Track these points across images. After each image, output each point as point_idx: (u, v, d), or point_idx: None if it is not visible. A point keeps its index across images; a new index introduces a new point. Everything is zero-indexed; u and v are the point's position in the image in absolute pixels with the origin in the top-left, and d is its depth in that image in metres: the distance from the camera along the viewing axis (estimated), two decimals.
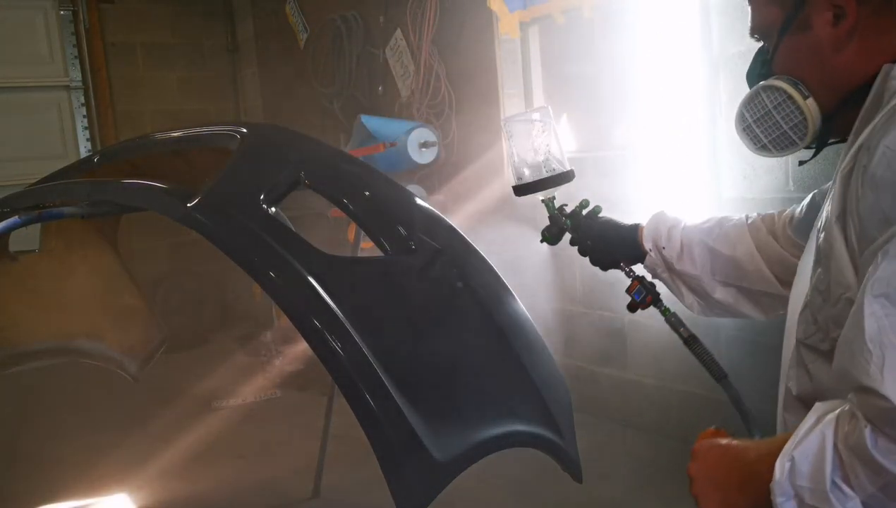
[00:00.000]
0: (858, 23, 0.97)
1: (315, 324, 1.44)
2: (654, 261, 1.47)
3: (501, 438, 1.54)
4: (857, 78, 0.98)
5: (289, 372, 5.07)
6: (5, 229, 2.19)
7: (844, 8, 0.97)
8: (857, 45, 0.98)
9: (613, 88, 4.03)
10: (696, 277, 1.42)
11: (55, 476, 3.77)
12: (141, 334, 3.25)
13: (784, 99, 1.03)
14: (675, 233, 1.45)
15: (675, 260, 1.44)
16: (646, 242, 1.48)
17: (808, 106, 1.02)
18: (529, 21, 4.34)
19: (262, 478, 3.69)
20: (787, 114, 1.03)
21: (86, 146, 6.10)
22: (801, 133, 1.04)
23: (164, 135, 2.62)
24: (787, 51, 1.04)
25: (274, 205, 1.76)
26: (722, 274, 1.41)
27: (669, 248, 1.44)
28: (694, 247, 1.43)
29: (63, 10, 6.00)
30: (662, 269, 1.47)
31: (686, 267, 1.43)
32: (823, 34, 0.99)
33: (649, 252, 1.47)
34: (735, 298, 1.40)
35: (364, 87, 5.37)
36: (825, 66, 1.00)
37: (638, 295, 1.48)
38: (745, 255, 1.37)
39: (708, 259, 1.41)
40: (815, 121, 1.02)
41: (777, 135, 1.06)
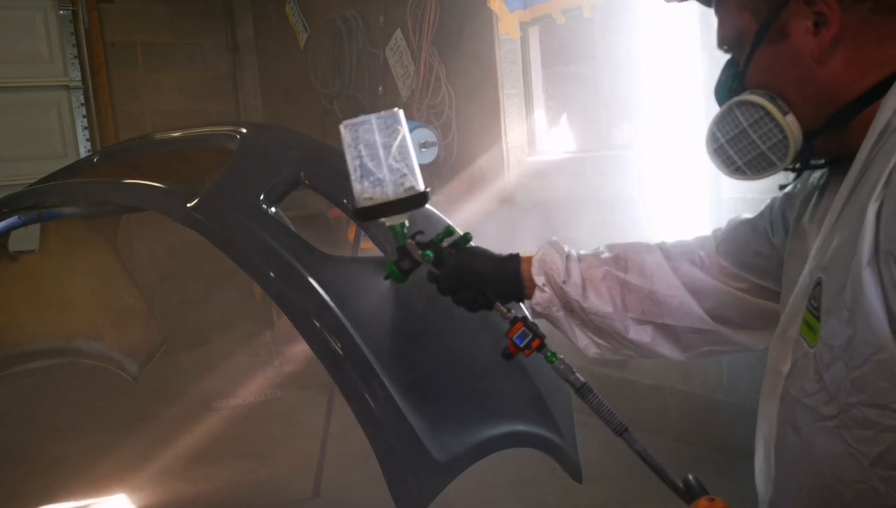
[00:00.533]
0: (843, 32, 0.85)
1: (315, 324, 1.44)
2: (547, 299, 1.26)
3: (502, 438, 1.54)
4: (846, 93, 0.87)
5: (289, 372, 5.07)
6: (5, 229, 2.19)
7: (826, 15, 0.86)
8: (844, 57, 0.86)
9: (613, 88, 4.03)
10: (606, 315, 1.24)
11: (55, 476, 3.77)
12: (141, 334, 3.25)
13: (761, 116, 0.90)
14: (573, 267, 1.26)
15: (580, 297, 1.25)
16: (537, 277, 1.26)
17: (789, 123, 0.90)
18: (529, 21, 4.34)
19: (262, 478, 3.69)
20: (765, 133, 0.91)
21: (86, 146, 6.09)
22: (781, 153, 0.91)
23: (164, 135, 2.62)
24: (763, 62, 0.92)
25: (274, 205, 1.76)
26: (637, 310, 1.24)
27: (570, 284, 1.25)
28: (599, 281, 1.25)
29: (63, 10, 5.99)
30: (557, 308, 1.27)
31: (593, 304, 1.24)
32: (803, 44, 0.88)
33: (542, 287, 1.26)
34: (652, 337, 1.25)
35: (364, 87, 5.37)
36: (807, 80, 0.89)
37: (521, 339, 1.23)
38: (668, 289, 1.22)
39: (619, 293, 1.25)
40: (796, 140, 0.90)
41: (753, 155, 0.93)
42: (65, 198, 2.29)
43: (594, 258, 1.28)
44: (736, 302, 1.19)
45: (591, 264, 1.27)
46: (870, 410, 0.78)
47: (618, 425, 1.24)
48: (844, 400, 0.81)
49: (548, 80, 4.48)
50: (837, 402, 0.82)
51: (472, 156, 4.53)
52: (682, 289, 1.21)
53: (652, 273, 1.23)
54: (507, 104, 4.41)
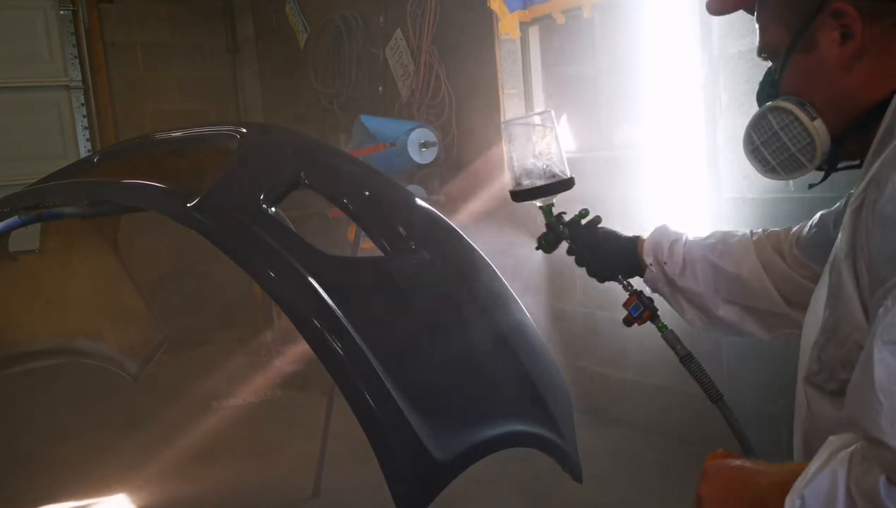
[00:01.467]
0: (866, 43, 0.93)
1: (315, 324, 1.44)
2: (654, 276, 1.44)
3: (502, 438, 1.54)
4: (868, 100, 0.95)
5: (289, 372, 5.07)
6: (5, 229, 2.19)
7: (851, 27, 0.94)
8: (867, 66, 0.95)
9: (613, 88, 4.03)
10: (698, 294, 1.40)
11: (55, 476, 3.77)
12: (141, 334, 3.25)
13: (791, 120, 1.00)
14: (678, 248, 1.42)
15: (678, 275, 1.41)
16: (646, 256, 1.45)
17: (816, 127, 0.99)
18: (529, 21, 4.34)
19: (262, 478, 3.69)
20: (795, 136, 1.00)
21: (86, 146, 6.09)
22: (810, 155, 1.01)
23: (164, 135, 2.62)
24: (794, 71, 1.01)
25: (274, 205, 1.76)
26: (725, 291, 1.38)
27: (671, 263, 1.42)
28: (696, 262, 1.40)
29: (63, 10, 5.99)
30: (663, 284, 1.44)
31: (689, 283, 1.40)
32: (830, 54, 0.96)
33: (650, 266, 1.44)
34: (739, 316, 1.38)
35: (364, 87, 5.37)
36: (833, 87, 0.97)
37: (635, 310, 1.47)
38: (750, 273, 1.34)
39: (711, 275, 1.39)
40: (823, 144, 0.99)
41: (785, 157, 1.03)
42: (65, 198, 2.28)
43: (697, 242, 1.41)
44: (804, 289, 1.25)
45: (693, 247, 1.41)
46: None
47: (714, 393, 1.40)
48: (839, 376, 0.92)
49: (548, 80, 4.48)
50: (835, 379, 0.93)
51: (472, 156, 4.53)
52: (764, 276, 1.32)
53: (740, 258, 1.36)
54: (507, 104, 4.40)
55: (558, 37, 4.34)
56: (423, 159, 4.52)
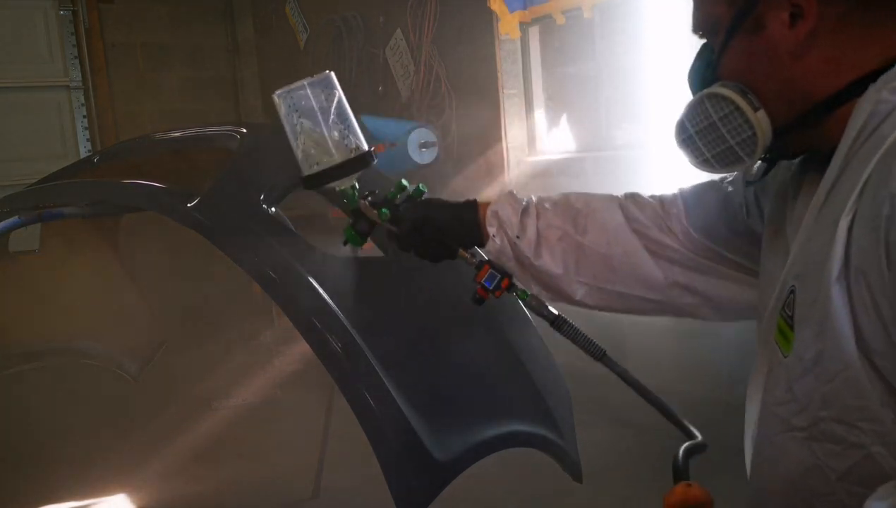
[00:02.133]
0: (821, 26, 0.81)
1: (315, 324, 1.44)
2: (498, 248, 1.22)
3: (502, 438, 1.54)
4: (820, 91, 0.83)
5: (289, 372, 5.06)
6: (5, 229, 2.19)
7: (802, 7, 0.81)
8: (820, 53, 0.82)
9: (613, 88, 4.03)
10: (556, 277, 1.20)
11: (55, 476, 3.77)
12: (141, 334, 3.25)
13: (731, 110, 0.87)
14: (529, 222, 1.21)
15: (532, 254, 1.20)
16: (490, 227, 1.22)
17: (759, 119, 0.86)
18: (529, 21, 4.34)
19: (262, 478, 3.68)
20: (734, 128, 0.87)
21: (86, 146, 6.09)
22: (750, 149, 0.88)
23: (164, 135, 2.62)
24: (737, 53, 0.88)
25: (274, 205, 1.76)
26: (588, 273, 1.20)
27: (524, 239, 1.20)
28: (553, 239, 1.20)
29: (63, 10, 5.99)
30: (509, 259, 1.22)
31: (545, 263, 1.20)
32: (779, 36, 0.83)
33: (493, 237, 1.22)
34: (601, 301, 1.22)
35: (364, 87, 5.37)
36: (781, 74, 0.85)
37: (490, 282, 1.21)
38: (624, 255, 1.17)
39: (573, 256, 1.20)
40: (765, 137, 0.87)
41: (722, 149, 0.90)
42: (65, 198, 2.29)
43: (553, 214, 1.22)
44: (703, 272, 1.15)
45: (550, 221, 1.22)
46: (838, 426, 0.77)
47: (597, 351, 1.21)
48: (814, 413, 0.80)
49: (548, 80, 4.48)
50: (807, 415, 0.81)
51: (472, 156, 4.53)
52: (644, 255, 1.17)
53: (610, 235, 1.19)
54: (507, 104, 4.41)
55: (558, 37, 4.34)
56: (423, 159, 4.52)
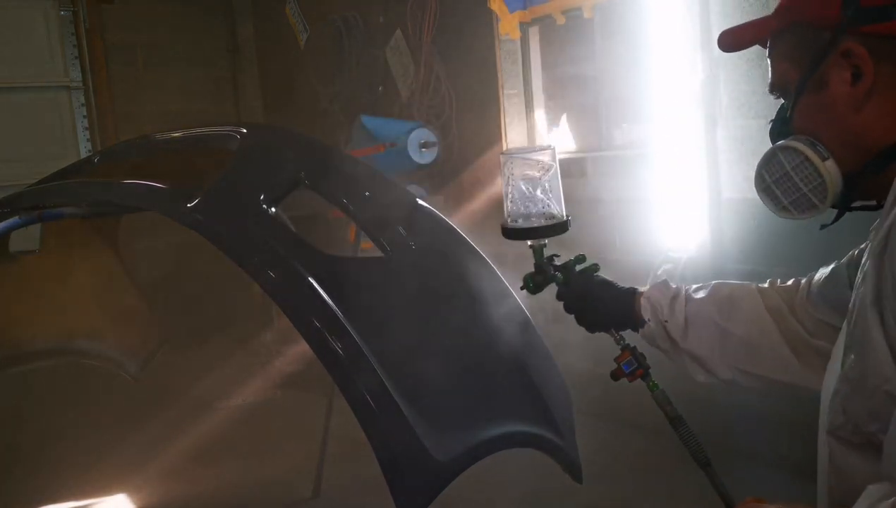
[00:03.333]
0: (878, 83, 0.92)
1: (315, 324, 1.44)
2: (652, 332, 1.36)
3: (501, 439, 1.54)
4: (881, 140, 0.93)
5: (289, 372, 5.06)
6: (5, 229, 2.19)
7: (861, 67, 0.93)
8: (879, 106, 0.93)
9: (613, 88, 4.03)
10: (701, 358, 1.32)
11: (55, 476, 3.77)
12: (141, 334, 3.25)
13: (802, 160, 0.98)
14: (678, 306, 1.34)
15: (680, 337, 1.33)
16: (644, 313, 1.36)
17: (827, 168, 0.96)
18: (529, 21, 4.34)
19: (262, 478, 3.69)
20: (806, 176, 0.98)
21: (86, 146, 6.08)
22: (821, 196, 0.98)
23: (164, 135, 2.62)
24: (805, 109, 1.00)
25: (274, 205, 1.76)
26: (732, 356, 1.30)
27: (673, 323, 1.34)
28: (701, 324, 1.32)
29: (63, 10, 5.99)
30: (664, 340, 1.36)
31: (691, 345, 1.32)
32: (841, 94, 0.95)
33: (648, 321, 1.36)
34: (746, 381, 1.31)
35: (364, 87, 5.36)
36: (844, 127, 0.96)
37: (628, 367, 1.37)
38: (761, 336, 1.27)
39: (717, 339, 1.31)
40: (835, 184, 0.97)
41: (797, 196, 1.00)
42: (65, 198, 2.29)
43: (701, 301, 1.33)
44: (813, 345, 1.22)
45: (698, 308, 1.33)
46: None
47: (703, 459, 1.31)
48: (865, 429, 0.88)
49: (548, 80, 4.48)
50: (861, 432, 0.89)
51: (472, 156, 4.53)
52: (779, 338, 1.25)
53: (749, 319, 1.28)
54: (507, 104, 4.40)
55: (558, 37, 4.34)
56: (423, 159, 4.52)
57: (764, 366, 1.28)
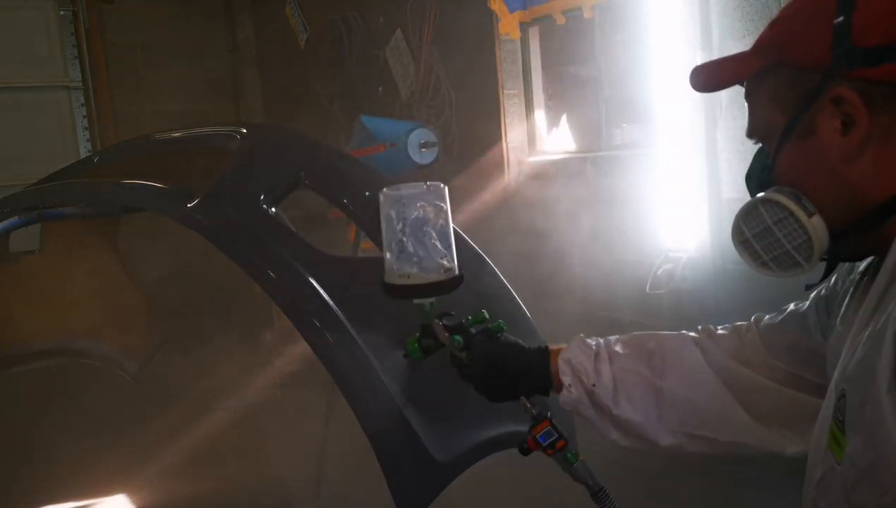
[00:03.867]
0: (872, 133, 0.82)
1: (315, 324, 1.44)
2: (574, 398, 1.20)
3: (502, 439, 1.54)
4: (875, 195, 0.84)
5: (289, 372, 5.06)
6: (5, 229, 2.19)
7: (854, 116, 0.82)
8: (873, 159, 0.83)
9: (613, 88, 4.03)
10: (638, 424, 1.18)
11: (55, 476, 3.77)
12: (141, 334, 3.25)
13: (785, 215, 0.88)
14: (604, 368, 1.19)
15: (611, 403, 1.18)
16: (563, 376, 1.20)
17: (814, 224, 0.86)
18: (529, 21, 4.34)
19: (262, 478, 3.68)
20: (789, 233, 0.88)
21: (86, 146, 6.09)
22: (807, 254, 0.88)
23: (164, 135, 2.62)
24: (790, 158, 0.89)
25: (274, 205, 1.76)
26: (674, 420, 1.17)
27: (600, 387, 1.18)
28: (630, 384, 1.18)
29: (63, 10, 5.99)
30: (586, 407, 1.20)
31: (625, 411, 1.17)
32: (831, 143, 0.85)
33: (568, 387, 1.20)
34: (687, 444, 1.18)
35: (364, 87, 5.37)
36: (835, 180, 0.86)
37: (545, 439, 1.19)
38: (709, 397, 1.14)
39: (653, 402, 1.17)
40: (821, 242, 0.87)
41: (779, 253, 0.90)
42: (65, 198, 2.29)
43: (627, 359, 1.20)
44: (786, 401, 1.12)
45: (625, 367, 1.19)
46: None
47: None
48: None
49: (548, 80, 4.48)
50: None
51: (472, 156, 4.53)
52: (727, 394, 1.14)
53: (691, 377, 1.16)
54: (507, 104, 4.40)
55: (558, 37, 4.34)
56: (423, 159, 4.51)
57: (710, 427, 1.16)
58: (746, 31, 3.09)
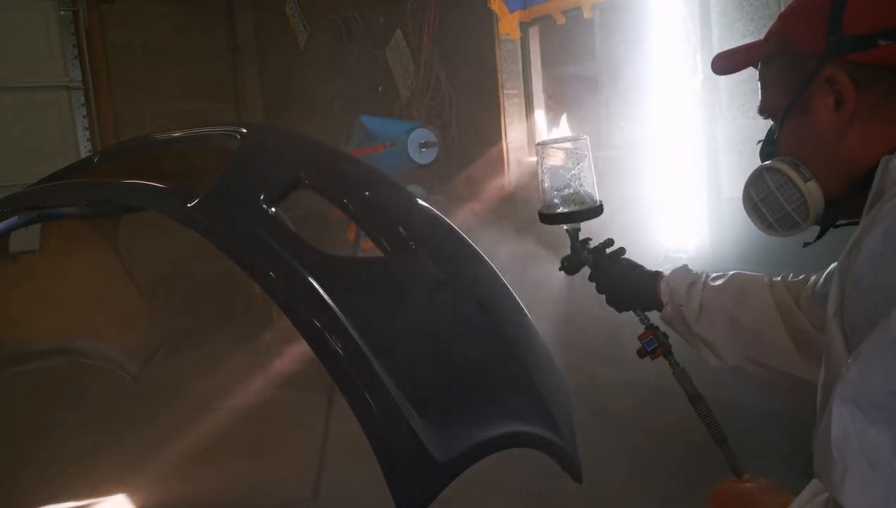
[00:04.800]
0: (860, 110, 0.96)
1: (315, 324, 1.44)
2: (671, 315, 1.45)
3: (502, 439, 1.54)
4: (862, 165, 0.97)
5: (289, 372, 5.06)
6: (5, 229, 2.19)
7: (843, 94, 0.96)
8: (860, 133, 0.97)
9: (613, 88, 4.03)
10: (712, 342, 1.39)
11: (55, 476, 3.77)
12: (141, 334, 3.25)
13: (785, 181, 1.03)
14: (695, 292, 1.41)
15: (693, 321, 1.41)
16: (663, 296, 1.45)
17: (809, 189, 1.02)
18: (529, 21, 4.34)
19: (262, 478, 3.68)
20: (789, 196, 1.04)
21: (86, 146, 6.09)
22: (804, 215, 1.04)
23: (164, 135, 2.62)
24: (791, 132, 1.05)
25: (274, 205, 1.76)
26: (741, 345, 1.37)
27: (687, 307, 1.41)
28: (714, 311, 1.39)
29: (63, 10, 5.99)
30: (680, 324, 1.44)
31: (703, 330, 1.40)
32: (824, 119, 0.99)
33: (665, 305, 1.45)
34: (751, 369, 1.38)
35: (364, 87, 5.37)
36: (828, 151, 1.00)
37: (650, 345, 1.46)
38: (769, 330, 1.33)
39: (728, 327, 1.38)
40: (816, 204, 1.02)
41: (781, 215, 1.06)
42: (65, 198, 2.29)
43: (716, 289, 1.40)
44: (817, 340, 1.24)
45: (712, 296, 1.40)
46: None
47: (720, 436, 1.37)
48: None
49: (548, 80, 4.48)
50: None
51: (472, 156, 4.53)
52: (781, 327, 1.31)
53: (758, 312, 1.34)
54: (507, 104, 4.41)
55: (558, 37, 4.34)
56: (423, 159, 4.52)
57: (767, 356, 1.34)
58: (746, 31, 3.09)
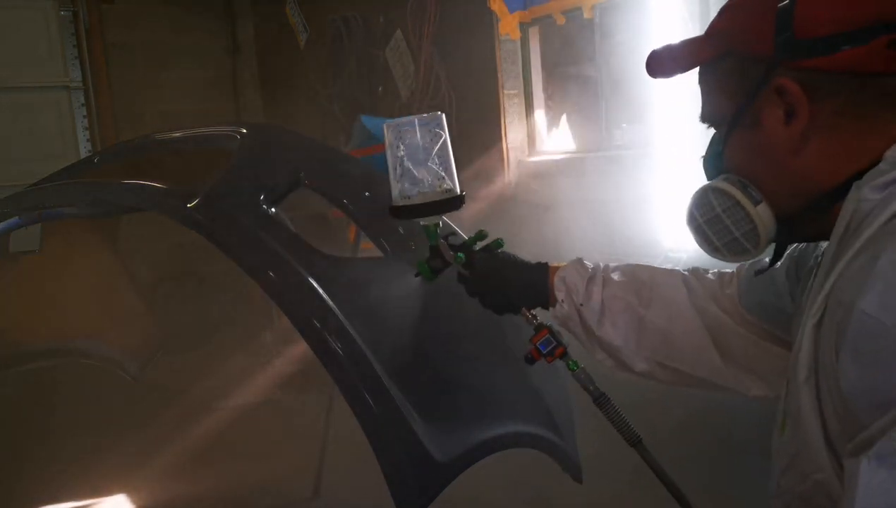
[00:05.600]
0: (815, 123, 0.82)
1: (315, 324, 1.44)
2: (566, 313, 1.25)
3: (502, 439, 1.54)
4: (821, 184, 0.83)
5: (289, 372, 5.06)
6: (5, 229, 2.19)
7: (795, 106, 0.82)
8: (818, 148, 0.83)
9: (613, 88, 4.03)
10: (617, 347, 1.22)
11: (55, 476, 3.77)
12: (141, 334, 3.25)
13: (732, 204, 0.89)
14: (595, 290, 1.23)
15: (595, 324, 1.22)
16: (558, 292, 1.26)
17: (759, 213, 0.88)
18: (529, 21, 4.34)
19: (262, 478, 3.68)
20: (737, 221, 0.90)
21: (86, 146, 6.09)
22: (753, 241, 0.90)
23: (164, 135, 2.62)
24: (738, 147, 0.91)
25: (274, 205, 1.76)
26: (650, 348, 1.21)
27: (588, 308, 1.23)
28: (617, 310, 1.22)
29: (63, 11, 5.99)
30: (576, 324, 1.25)
31: (607, 333, 1.22)
32: (775, 133, 0.85)
33: (561, 302, 1.25)
34: (659, 373, 1.23)
35: (364, 87, 5.37)
36: (779, 169, 0.86)
37: (545, 346, 1.25)
38: (686, 333, 1.18)
39: (635, 329, 1.21)
40: (767, 230, 0.88)
41: (729, 240, 0.92)
42: (65, 199, 2.29)
43: (619, 285, 1.24)
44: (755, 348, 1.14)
45: (615, 292, 1.23)
46: None
47: (632, 436, 1.25)
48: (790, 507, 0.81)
49: (548, 79, 4.48)
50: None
51: (472, 156, 4.53)
52: (703, 334, 1.17)
53: (672, 312, 1.20)
54: (507, 104, 4.41)
55: (558, 37, 4.34)
56: None
57: (683, 360, 1.19)
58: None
